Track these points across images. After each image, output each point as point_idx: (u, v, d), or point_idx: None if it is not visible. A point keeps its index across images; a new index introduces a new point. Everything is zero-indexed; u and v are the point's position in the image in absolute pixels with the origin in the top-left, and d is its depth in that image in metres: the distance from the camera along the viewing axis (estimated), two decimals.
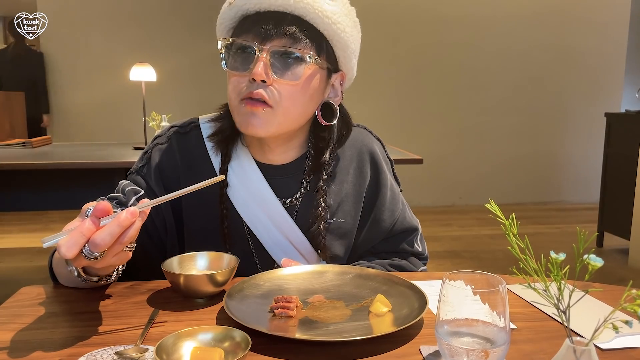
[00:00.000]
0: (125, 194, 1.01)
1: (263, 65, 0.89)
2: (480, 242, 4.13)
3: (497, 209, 0.56)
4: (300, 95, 0.93)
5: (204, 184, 0.74)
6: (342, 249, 1.08)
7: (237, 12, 0.93)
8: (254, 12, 0.92)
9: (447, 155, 5.28)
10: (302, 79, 0.92)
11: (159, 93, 4.89)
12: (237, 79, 0.93)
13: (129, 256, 0.75)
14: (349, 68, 1.01)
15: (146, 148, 1.06)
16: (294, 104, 0.93)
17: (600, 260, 0.48)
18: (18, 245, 3.96)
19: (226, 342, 0.67)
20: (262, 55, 0.89)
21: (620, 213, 3.76)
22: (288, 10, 0.90)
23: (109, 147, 3.23)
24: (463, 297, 0.59)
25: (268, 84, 0.90)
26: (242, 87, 0.92)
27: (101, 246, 0.65)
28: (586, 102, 5.44)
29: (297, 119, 0.97)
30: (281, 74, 0.90)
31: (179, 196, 0.74)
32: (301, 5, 0.89)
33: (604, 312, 0.50)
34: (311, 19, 0.91)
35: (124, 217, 0.66)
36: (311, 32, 0.92)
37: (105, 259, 0.69)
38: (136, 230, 0.69)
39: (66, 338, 0.72)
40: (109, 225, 0.66)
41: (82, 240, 0.65)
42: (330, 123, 1.01)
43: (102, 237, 0.65)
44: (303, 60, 0.91)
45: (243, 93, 0.91)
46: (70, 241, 0.65)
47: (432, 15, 5.13)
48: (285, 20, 0.90)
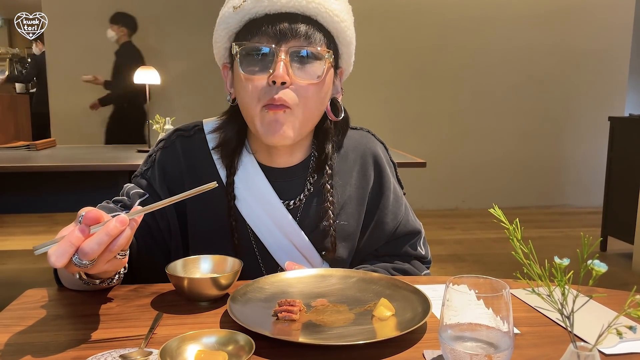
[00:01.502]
0: (130, 197, 1.02)
1: (283, 66, 0.88)
2: (484, 245, 4.12)
3: (501, 214, 0.56)
4: (319, 93, 0.94)
5: (197, 190, 0.73)
6: (346, 252, 1.08)
7: (244, 16, 0.92)
8: (262, 14, 0.91)
9: (450, 159, 5.28)
10: (321, 77, 0.92)
11: (163, 96, 4.91)
12: (254, 83, 0.91)
13: (123, 263, 0.75)
14: (348, 64, 1.03)
15: (151, 151, 1.07)
16: (314, 102, 0.93)
17: (605, 266, 0.48)
18: (22, 247, 3.97)
19: (230, 346, 0.67)
20: (281, 56, 0.89)
21: (623, 217, 3.75)
22: (300, 12, 0.90)
23: (113, 150, 3.23)
24: (467, 302, 0.59)
25: (288, 85, 0.90)
26: (260, 92, 0.90)
27: (90, 255, 0.65)
28: (590, 105, 5.43)
29: (316, 118, 0.98)
30: (301, 74, 0.91)
31: (174, 202, 0.74)
32: (313, 5, 0.90)
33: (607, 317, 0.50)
34: (322, 18, 0.92)
35: (112, 226, 0.66)
36: (322, 30, 0.93)
37: (97, 266, 0.69)
38: (126, 239, 0.68)
39: (71, 341, 0.73)
40: (98, 234, 0.66)
41: (71, 250, 0.65)
42: (338, 118, 1.02)
43: (90, 247, 0.65)
44: (320, 59, 0.92)
45: (264, 99, 0.90)
46: (59, 250, 0.65)
47: (434, 18, 5.14)
48: (297, 20, 0.90)
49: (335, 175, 1.06)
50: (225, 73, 1.01)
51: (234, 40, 0.96)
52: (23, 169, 2.53)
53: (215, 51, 1.00)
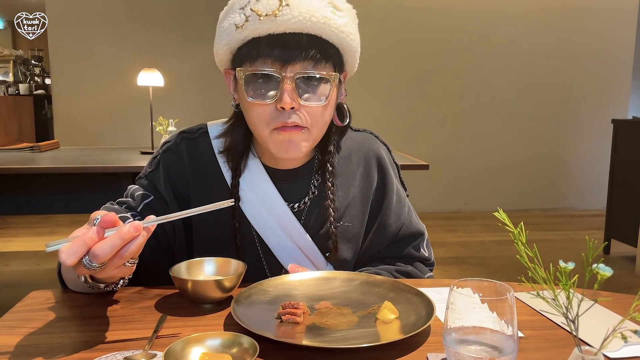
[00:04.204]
0: (134, 198, 1.02)
1: (289, 92, 0.87)
2: (487, 248, 4.11)
3: (505, 217, 0.56)
4: (327, 111, 0.94)
5: (212, 207, 0.75)
6: (350, 253, 1.08)
7: (247, 35, 0.89)
8: (265, 34, 0.88)
9: (453, 161, 5.27)
10: (328, 98, 0.92)
11: (166, 98, 4.92)
12: (262, 108, 0.90)
13: (131, 271, 0.75)
14: (353, 67, 1.02)
15: (155, 153, 1.07)
16: (323, 119, 0.94)
17: (610, 270, 0.48)
18: (26, 249, 3.98)
19: (234, 348, 0.67)
20: (287, 82, 0.87)
21: (627, 220, 3.74)
22: (304, 32, 0.88)
23: (116, 152, 3.24)
24: (471, 305, 0.59)
25: (296, 109, 0.90)
26: (268, 116, 0.90)
27: (101, 257, 0.65)
28: (593, 108, 5.42)
29: (324, 131, 0.98)
30: (308, 98, 0.90)
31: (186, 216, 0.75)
32: (318, 26, 0.87)
33: (612, 321, 0.50)
34: (327, 36, 0.90)
35: (126, 231, 0.66)
36: (327, 48, 0.91)
37: (105, 270, 0.69)
38: (138, 246, 0.68)
39: (75, 343, 0.73)
40: (111, 238, 0.66)
41: (84, 249, 0.65)
42: (344, 123, 1.03)
43: (102, 249, 0.65)
44: (326, 81, 0.91)
45: (274, 123, 0.90)
46: (72, 249, 0.65)
47: (438, 21, 5.14)
48: (302, 41, 0.87)
49: (338, 177, 1.06)
50: (228, 78, 1.00)
51: (235, 57, 0.94)
52: (27, 170, 2.54)
53: (217, 59, 0.98)
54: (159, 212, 1.00)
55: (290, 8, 0.85)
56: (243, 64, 0.91)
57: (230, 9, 0.92)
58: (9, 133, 3.43)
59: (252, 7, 0.87)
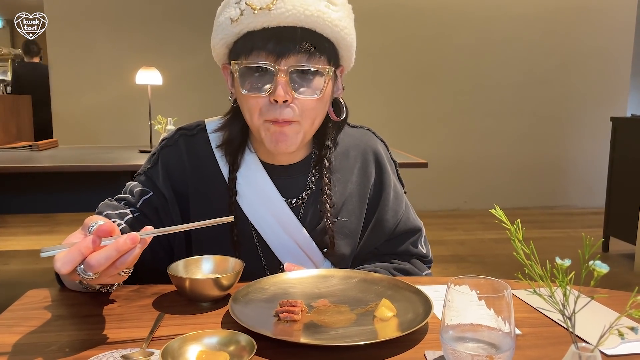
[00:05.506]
0: (133, 194, 1.02)
1: (283, 85, 0.88)
2: (485, 246, 4.12)
3: (502, 214, 0.56)
4: (320, 105, 0.94)
5: (212, 222, 0.74)
6: (348, 249, 1.08)
7: (241, 29, 0.90)
8: (260, 28, 0.89)
9: (452, 159, 5.27)
10: (322, 92, 0.92)
11: (165, 96, 4.91)
12: (255, 100, 0.91)
13: (124, 278, 0.75)
14: (349, 62, 1.02)
15: (154, 150, 1.07)
16: (317, 113, 0.94)
17: (606, 267, 0.48)
18: (24, 248, 3.98)
19: (231, 346, 0.67)
20: (281, 76, 0.88)
21: (626, 218, 3.74)
22: (298, 25, 0.88)
23: (115, 150, 3.24)
24: (468, 303, 0.59)
25: (290, 102, 0.90)
26: (262, 108, 0.91)
27: (95, 268, 0.65)
28: (592, 106, 5.43)
29: (319, 124, 0.98)
30: (302, 91, 0.90)
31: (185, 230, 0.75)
32: (312, 19, 0.88)
33: (609, 318, 0.50)
34: (321, 29, 0.90)
35: (122, 242, 0.65)
36: (322, 42, 0.91)
37: (99, 279, 0.69)
38: (134, 257, 0.67)
39: (73, 341, 0.73)
40: (107, 249, 0.65)
41: (79, 259, 0.65)
42: (341, 118, 1.02)
43: (97, 259, 0.64)
44: (321, 75, 0.91)
45: (266, 115, 0.91)
46: (67, 257, 0.64)
47: (436, 19, 5.14)
48: (296, 35, 0.88)
49: (336, 172, 1.06)
50: (226, 73, 1.01)
51: (231, 51, 0.95)
52: (25, 169, 2.54)
53: (214, 54, 0.99)
54: (157, 208, 1.01)
55: (284, 2, 0.86)
56: (238, 58, 0.92)
57: (227, 3, 0.92)
58: (7, 132, 3.42)
59: (247, 1, 0.87)
